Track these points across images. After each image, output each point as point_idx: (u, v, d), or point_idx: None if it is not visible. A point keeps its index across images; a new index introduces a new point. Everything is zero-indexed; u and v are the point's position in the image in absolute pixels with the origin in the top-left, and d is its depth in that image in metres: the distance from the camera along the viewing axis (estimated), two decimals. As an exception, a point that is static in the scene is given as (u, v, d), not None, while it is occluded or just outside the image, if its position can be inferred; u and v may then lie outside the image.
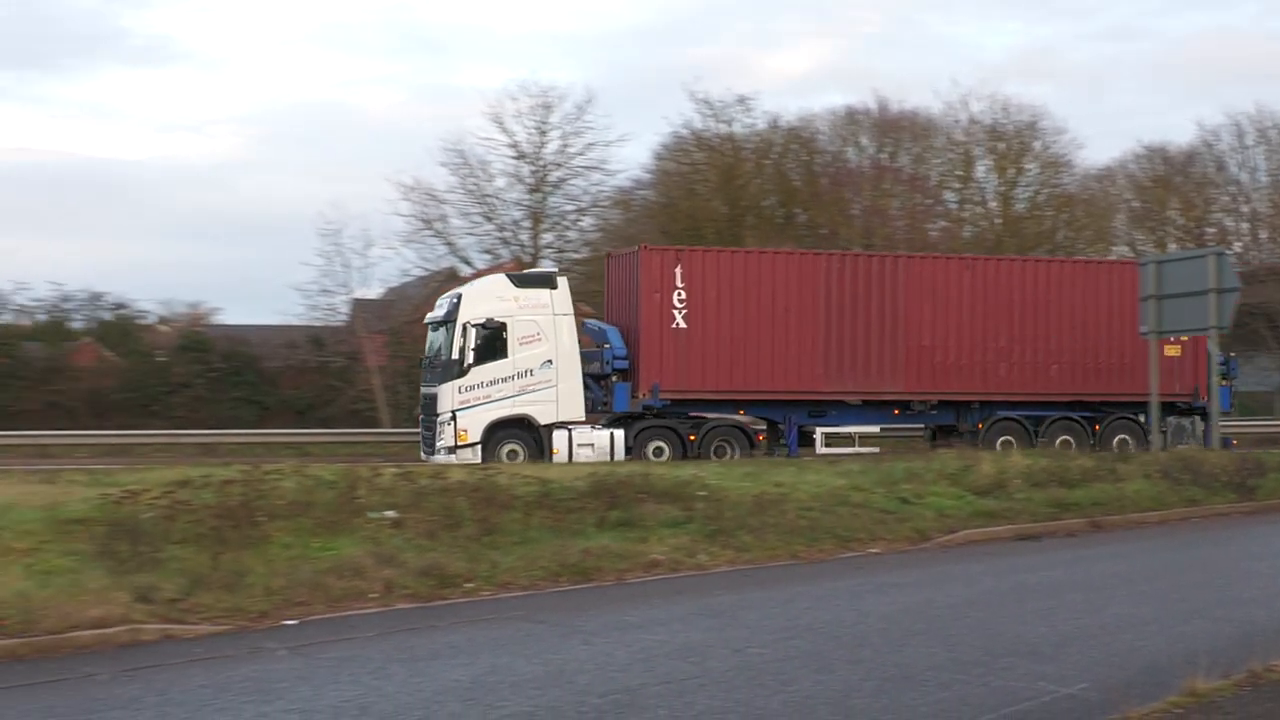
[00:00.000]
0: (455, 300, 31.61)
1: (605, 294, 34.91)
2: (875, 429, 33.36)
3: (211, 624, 12.67)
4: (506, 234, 48.33)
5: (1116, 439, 33.57)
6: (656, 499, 19.21)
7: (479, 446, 30.47)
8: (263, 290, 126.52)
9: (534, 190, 49.04)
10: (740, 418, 32.47)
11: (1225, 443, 32.94)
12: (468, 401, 30.62)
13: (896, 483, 22.25)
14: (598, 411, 32.38)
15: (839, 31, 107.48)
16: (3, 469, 27.26)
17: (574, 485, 19.60)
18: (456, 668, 11.07)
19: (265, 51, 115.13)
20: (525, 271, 35.73)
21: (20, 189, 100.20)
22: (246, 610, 13.08)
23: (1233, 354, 36.04)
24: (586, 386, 31.57)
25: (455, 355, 30.90)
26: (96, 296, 50.82)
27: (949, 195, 57.48)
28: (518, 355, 30.80)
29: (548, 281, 32.10)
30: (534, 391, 30.86)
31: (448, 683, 10.44)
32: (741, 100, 52.24)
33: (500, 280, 33.12)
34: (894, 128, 56.47)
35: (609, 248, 41.96)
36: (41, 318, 49.20)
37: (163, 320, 52.99)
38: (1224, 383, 33.74)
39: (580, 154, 49.16)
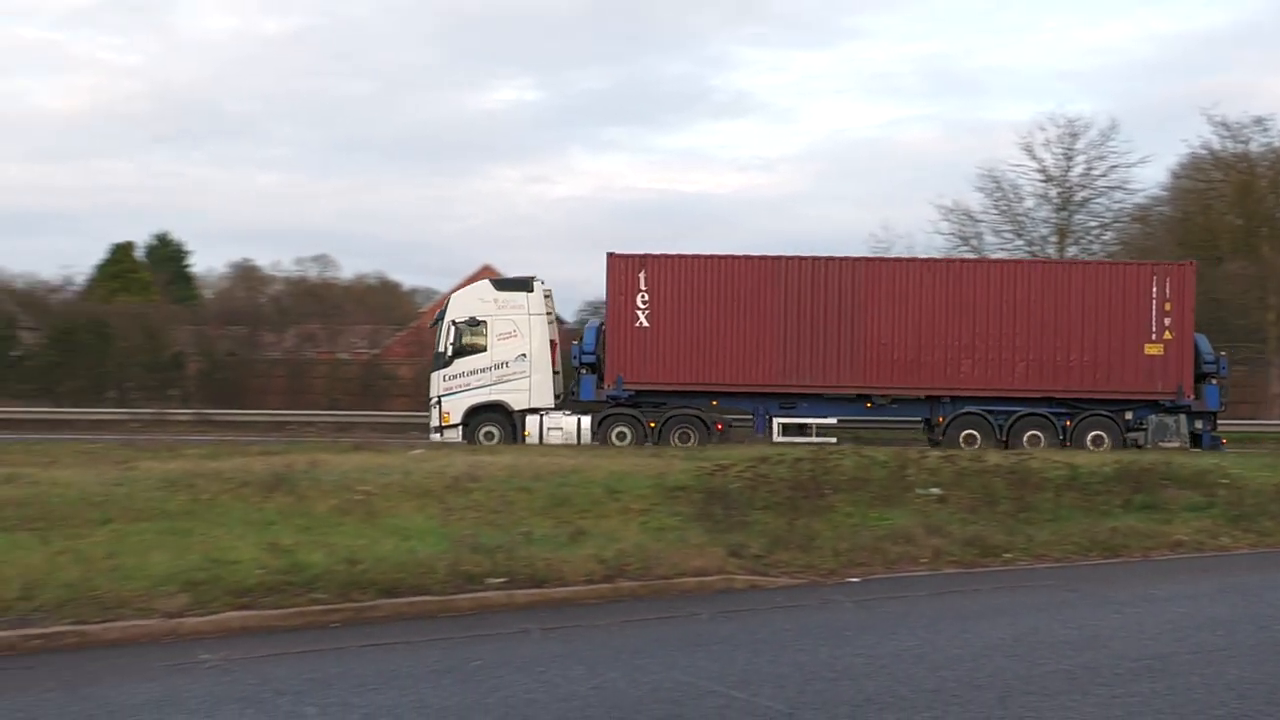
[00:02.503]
0: (447, 302, 32.86)
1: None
2: (832, 420, 30.82)
3: (789, 577, 13.14)
4: (1035, 249, 47.42)
5: (1091, 435, 29.85)
6: (1178, 485, 18.40)
7: (460, 428, 30.92)
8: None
9: (1060, 209, 48.11)
10: (713, 408, 31.08)
11: (1215, 442, 29.88)
12: (451, 389, 31.16)
13: None
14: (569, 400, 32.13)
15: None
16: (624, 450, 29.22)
17: (1101, 471, 19.04)
18: (999, 627, 11.03)
19: (824, 101, 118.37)
20: (505, 277, 34.68)
21: (630, 220, 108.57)
22: (817, 567, 13.47)
23: (1223, 353, 31.27)
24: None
25: (441, 348, 31.62)
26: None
27: None
28: (496, 349, 31.13)
29: (524, 286, 31.94)
30: (509, 381, 31.06)
31: (992, 640, 10.42)
32: (1258, 120, 48.49)
33: (484, 285, 33.15)
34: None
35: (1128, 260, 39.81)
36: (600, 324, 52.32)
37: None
38: (1213, 381, 30.17)
39: (1103, 175, 47.81)
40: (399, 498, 16.41)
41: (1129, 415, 30.06)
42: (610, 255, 31.45)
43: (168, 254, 62.24)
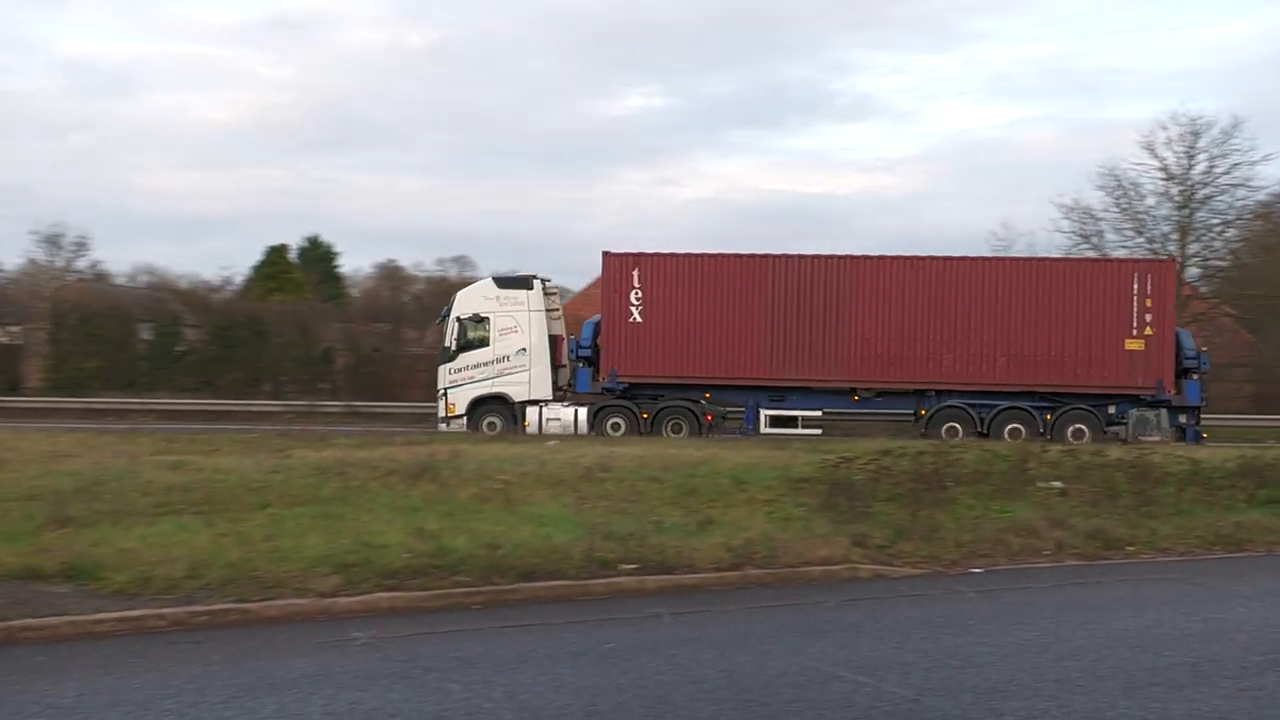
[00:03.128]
0: (453, 299, 33.02)
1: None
2: (817, 413, 30.49)
3: (912, 567, 13.02)
4: (1155, 245, 46.06)
5: (1071, 429, 29.08)
6: (1305, 480, 17.69)
7: (464, 418, 31.24)
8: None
9: (1182, 207, 46.63)
10: (706, 400, 30.93)
11: (1195, 436, 29.15)
12: (456, 381, 31.55)
13: None
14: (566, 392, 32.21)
15: None
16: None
17: (1224, 466, 18.46)
18: (1123, 619, 10.78)
19: (945, 103, 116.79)
20: (506, 275, 34.10)
21: (754, 221, 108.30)
22: (940, 558, 13.32)
23: (1204, 348, 30.70)
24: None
25: (447, 343, 31.97)
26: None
27: None
28: (497, 344, 31.42)
29: (525, 284, 32.13)
30: (510, 374, 31.36)
31: (1115, 631, 10.19)
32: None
33: (487, 283, 33.28)
34: None
35: (1249, 257, 38.54)
36: None
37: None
38: (1194, 376, 29.49)
39: (1225, 173, 46.12)
40: (535, 486, 16.57)
41: (1112, 409, 29.54)
42: (605, 254, 31.62)
43: (318, 255, 63.64)
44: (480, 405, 31.43)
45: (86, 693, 7.86)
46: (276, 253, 60.71)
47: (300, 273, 63.15)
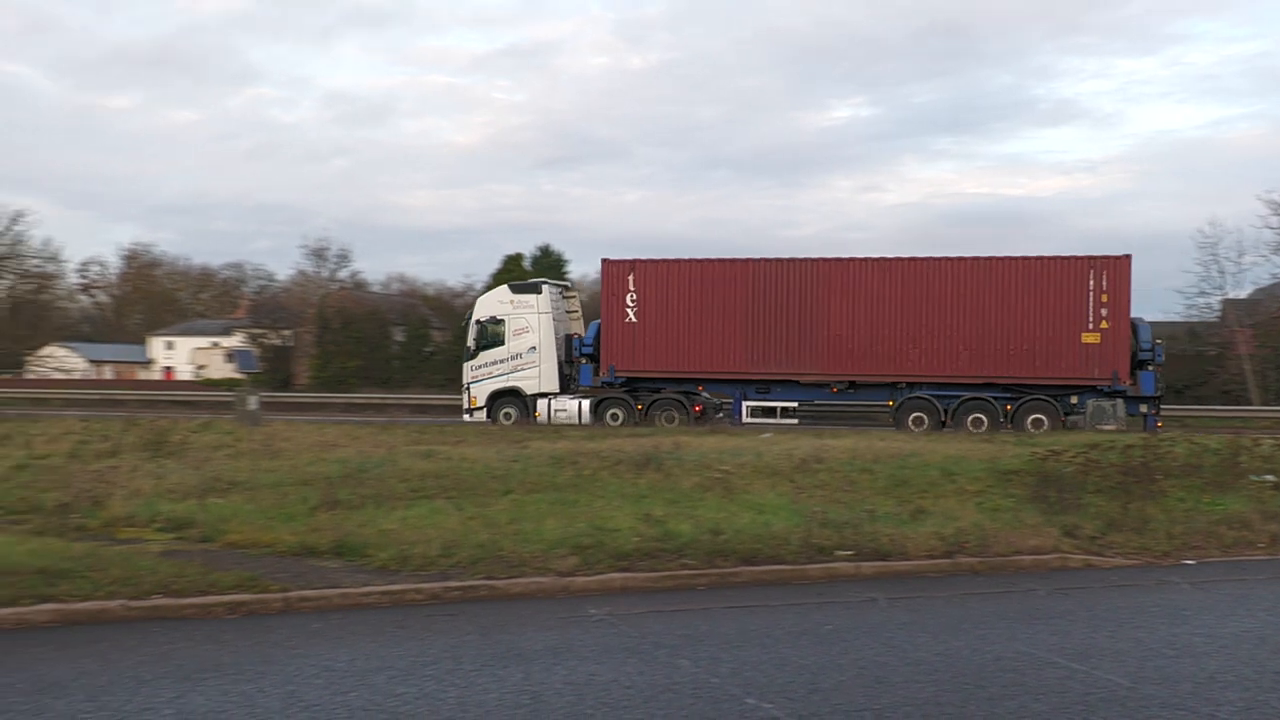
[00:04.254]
0: (474, 304, 34.99)
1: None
2: (794, 404, 30.93)
3: (1124, 558, 12.47)
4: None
5: (1030, 419, 28.86)
6: None
7: (484, 410, 32.69)
8: (1143, 294, 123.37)
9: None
10: (699, 394, 31.76)
11: (1153, 424, 28.65)
12: (476, 377, 33.05)
13: None
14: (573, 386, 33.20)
15: None
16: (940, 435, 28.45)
17: None
18: (1344, 613, 10.03)
19: (1147, 105, 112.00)
20: (519, 282, 36.07)
21: (957, 223, 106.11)
22: (1151, 550, 12.71)
23: (1159, 340, 29.95)
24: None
25: (469, 343, 33.47)
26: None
27: None
28: (511, 343, 32.71)
29: (535, 289, 33.40)
30: (523, 370, 32.57)
31: (1337, 625, 9.49)
32: None
33: (503, 289, 34.47)
34: None
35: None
36: None
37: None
38: (1149, 368, 29.08)
39: None
40: (752, 476, 16.54)
41: (1075, 400, 29.15)
42: (604, 261, 32.74)
43: (550, 263, 64.81)
44: (498, 398, 32.81)
45: (357, 658, 8.20)
46: (512, 261, 62.19)
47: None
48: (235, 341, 74.87)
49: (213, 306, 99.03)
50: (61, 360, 73.95)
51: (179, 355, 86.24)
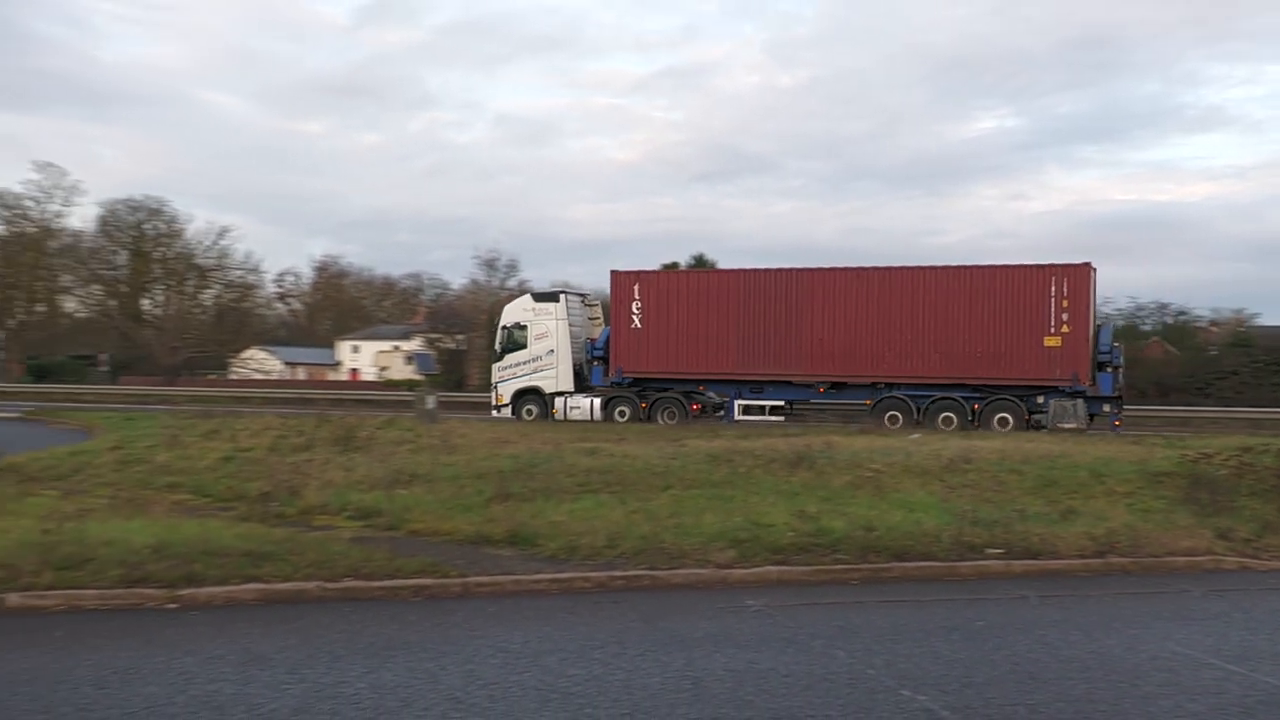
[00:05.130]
0: (502, 311, 36.45)
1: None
2: (781, 402, 31.68)
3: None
4: None
5: (996, 417, 29.26)
6: None
7: (509, 407, 34.02)
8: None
9: None
10: (700, 392, 32.92)
11: (1111, 421, 29.25)
12: (503, 377, 34.44)
13: None
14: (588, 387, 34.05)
15: None
16: (1096, 434, 27.51)
17: None
18: None
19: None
20: (541, 291, 37.45)
21: (1103, 230, 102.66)
22: (1310, 554, 12.00)
23: (1118, 343, 30.27)
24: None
25: (496, 347, 35.14)
26: (1162, 306, 52.90)
27: None
28: (533, 346, 33.99)
29: (553, 298, 34.59)
30: (543, 371, 33.83)
31: None
32: None
33: (526, 298, 35.94)
34: None
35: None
36: (1120, 323, 50.06)
37: (1213, 323, 52.22)
38: (1108, 369, 29.16)
39: None
40: (902, 475, 16.25)
41: (1041, 399, 29.30)
42: (613, 272, 34.01)
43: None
44: (521, 396, 34.10)
45: (530, 640, 8.33)
46: (669, 269, 62.46)
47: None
48: (414, 345, 76.93)
49: (394, 313, 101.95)
50: (260, 362, 77.17)
51: (364, 358, 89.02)
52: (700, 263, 66.20)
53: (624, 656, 7.86)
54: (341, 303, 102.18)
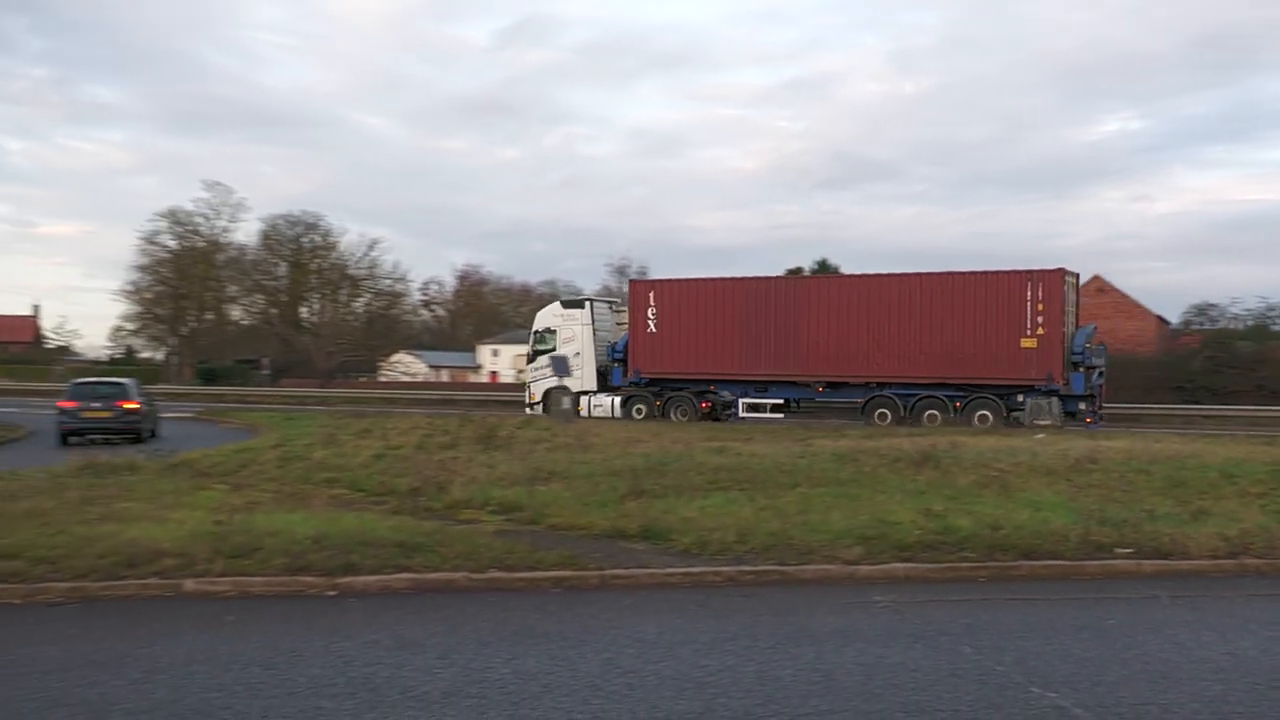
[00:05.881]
0: (535, 317, 38.18)
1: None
2: (780, 400, 32.70)
3: None
4: None
5: (977, 414, 30.02)
6: None
7: (540, 405, 35.97)
8: None
9: None
10: (710, 391, 34.18)
11: (1085, 419, 29.80)
12: (535, 377, 36.61)
13: None
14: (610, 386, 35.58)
15: None
16: (1227, 434, 26.35)
17: None
18: None
19: None
20: (568, 299, 40.83)
21: (1231, 230, 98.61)
22: None
23: (1090, 344, 30.44)
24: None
25: (529, 350, 37.15)
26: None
27: None
28: (560, 349, 36.04)
29: (580, 305, 37.08)
30: (570, 372, 35.86)
31: None
32: None
33: (556, 305, 38.42)
34: None
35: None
36: (1249, 323, 48.01)
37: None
38: (1080, 369, 29.71)
39: None
40: (1028, 475, 15.82)
41: (1021, 398, 29.96)
42: (631, 281, 37.86)
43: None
44: (551, 396, 36.03)
45: (664, 631, 8.33)
46: (792, 273, 62.00)
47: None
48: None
49: (530, 319, 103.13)
50: (407, 365, 79.00)
51: (503, 361, 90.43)
52: (823, 268, 65.58)
53: (755, 649, 7.81)
54: (481, 309, 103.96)
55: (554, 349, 36.22)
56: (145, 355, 76.30)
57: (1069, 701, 6.59)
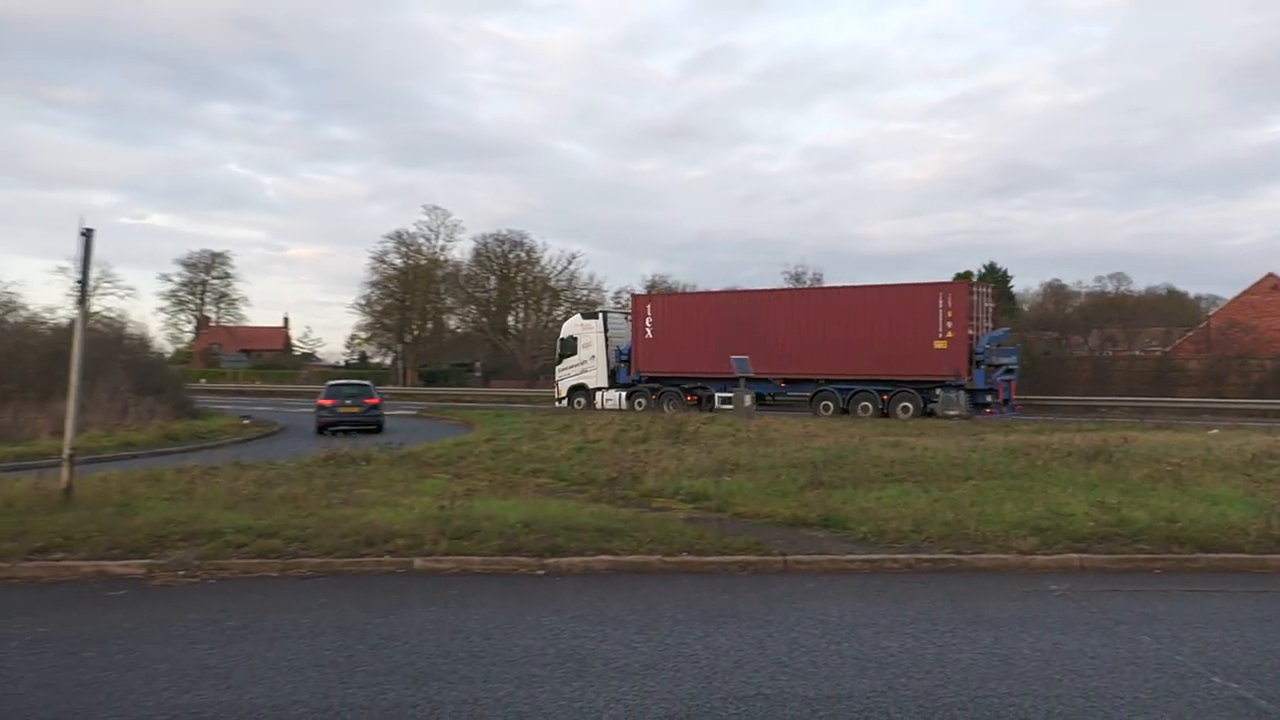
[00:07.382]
0: (561, 327, 42.42)
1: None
2: (752, 394, 32.96)
3: None
4: None
5: (900, 406, 32.34)
6: None
7: (565, 400, 39.93)
8: None
9: None
10: (699, 387, 36.80)
11: (988, 409, 31.68)
12: (561, 377, 40.52)
13: None
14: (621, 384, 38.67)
15: None
16: None
17: None
18: None
19: None
20: (588, 310, 46.05)
21: None
22: None
23: (990, 346, 32.16)
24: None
25: (557, 354, 41.07)
26: None
27: None
28: (581, 353, 39.80)
29: (596, 316, 40.56)
30: (588, 372, 39.60)
31: None
32: None
33: (578, 316, 42.34)
34: None
35: None
36: None
37: None
38: (981, 367, 31.59)
39: None
40: (1203, 470, 14.86)
41: (939, 392, 31.92)
42: (633, 295, 41.16)
43: (995, 279, 61.84)
44: (573, 391, 39.88)
45: (845, 614, 8.18)
46: (961, 278, 60.07)
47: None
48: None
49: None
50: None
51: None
52: (991, 272, 63.38)
53: (934, 632, 7.57)
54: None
55: (575, 353, 40.06)
56: (375, 360, 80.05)
57: (1253, 693, 6.14)
